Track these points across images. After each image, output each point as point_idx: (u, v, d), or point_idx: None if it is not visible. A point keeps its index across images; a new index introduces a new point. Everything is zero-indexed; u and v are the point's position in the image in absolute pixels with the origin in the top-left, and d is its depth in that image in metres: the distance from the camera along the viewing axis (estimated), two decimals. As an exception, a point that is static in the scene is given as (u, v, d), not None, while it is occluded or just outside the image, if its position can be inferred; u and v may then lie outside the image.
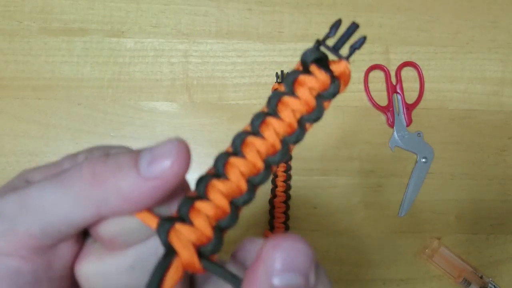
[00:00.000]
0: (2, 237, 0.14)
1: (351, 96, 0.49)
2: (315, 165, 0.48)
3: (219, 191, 0.15)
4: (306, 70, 0.16)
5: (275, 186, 0.47)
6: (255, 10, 0.50)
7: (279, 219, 0.46)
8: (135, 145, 0.48)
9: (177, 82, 0.49)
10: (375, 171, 0.49)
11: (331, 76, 0.16)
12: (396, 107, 0.49)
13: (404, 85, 0.50)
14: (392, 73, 0.50)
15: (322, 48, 0.16)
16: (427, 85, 0.50)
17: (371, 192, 0.48)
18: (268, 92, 0.48)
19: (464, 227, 0.48)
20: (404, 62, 0.50)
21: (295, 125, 0.16)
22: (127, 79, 0.48)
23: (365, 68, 0.50)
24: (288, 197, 0.47)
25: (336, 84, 0.16)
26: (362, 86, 0.49)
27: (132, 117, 0.48)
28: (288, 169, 0.47)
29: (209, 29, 0.50)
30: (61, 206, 0.14)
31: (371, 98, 0.49)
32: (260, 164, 0.16)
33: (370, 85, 0.50)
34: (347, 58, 0.16)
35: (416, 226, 0.48)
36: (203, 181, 0.16)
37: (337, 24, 0.16)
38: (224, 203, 0.15)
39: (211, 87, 0.49)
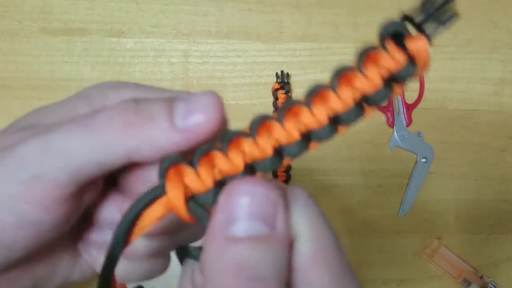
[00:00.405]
0: (24, 185, 0.13)
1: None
2: (315, 165, 0.48)
3: (239, 149, 0.14)
4: (382, 45, 0.14)
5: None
6: (255, 10, 0.50)
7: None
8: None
9: (177, 82, 0.49)
10: (375, 171, 0.49)
11: (408, 55, 0.14)
12: (396, 107, 0.49)
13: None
14: (392, 73, 0.50)
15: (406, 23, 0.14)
16: (427, 85, 0.50)
17: (371, 192, 0.48)
18: (268, 92, 0.48)
19: (464, 227, 0.48)
20: (404, 62, 0.50)
21: (352, 104, 0.14)
22: (127, 79, 0.48)
23: (365, 68, 0.50)
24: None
25: (411, 66, 0.14)
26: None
27: (132, 117, 0.48)
28: (288, 169, 0.47)
29: (209, 29, 0.50)
30: (90, 152, 0.14)
31: (371, 98, 0.49)
32: (296, 135, 0.14)
33: (370, 85, 0.50)
34: (431, 35, 0.14)
35: (416, 226, 0.48)
36: (229, 135, 0.15)
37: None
38: (239, 162, 0.14)
39: (211, 87, 0.49)
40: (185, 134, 0.14)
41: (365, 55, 0.14)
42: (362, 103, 0.14)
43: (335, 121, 0.14)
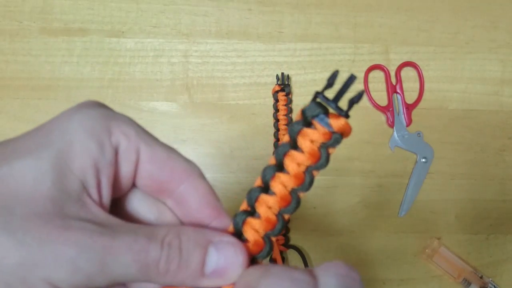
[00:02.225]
0: (73, 286, 0.15)
1: (351, 96, 0.49)
2: (315, 165, 0.48)
3: (254, 227, 0.18)
4: (307, 123, 0.17)
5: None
6: (255, 10, 0.50)
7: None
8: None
9: (177, 82, 0.49)
10: (375, 171, 0.49)
11: (332, 131, 0.17)
12: (396, 107, 0.49)
13: (404, 85, 0.50)
14: (392, 73, 0.50)
15: (320, 100, 0.17)
16: (427, 85, 0.50)
17: (371, 192, 0.48)
18: (268, 92, 0.48)
19: (464, 227, 0.48)
20: (404, 62, 0.50)
21: (302, 175, 0.17)
22: (127, 79, 0.48)
23: (365, 68, 0.50)
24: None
25: (337, 137, 0.17)
26: (362, 86, 0.49)
27: (132, 117, 0.48)
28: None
29: (209, 29, 0.50)
30: (134, 279, 0.16)
31: (371, 98, 0.49)
32: (273, 219, 0.17)
33: (370, 85, 0.50)
34: (346, 113, 0.17)
35: (416, 226, 0.48)
36: (240, 217, 0.18)
37: (334, 75, 0.16)
38: (272, 216, 0.17)
39: (211, 87, 0.49)
40: (209, 282, 0.17)
41: (298, 132, 0.17)
42: (311, 172, 0.17)
43: (296, 192, 0.17)
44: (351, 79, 0.16)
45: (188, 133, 0.48)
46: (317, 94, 0.16)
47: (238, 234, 0.18)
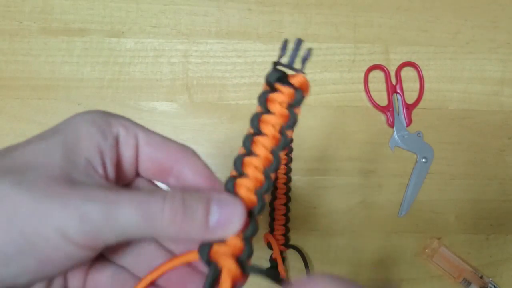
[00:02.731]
0: (83, 236, 0.16)
1: (351, 96, 0.49)
2: (315, 165, 0.48)
3: (245, 185, 0.19)
4: (272, 89, 0.19)
5: (275, 188, 0.47)
6: (255, 10, 0.50)
7: (279, 221, 0.46)
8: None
9: (177, 82, 0.49)
10: (375, 171, 0.49)
11: (294, 88, 0.19)
12: (396, 107, 0.49)
13: (404, 85, 0.50)
14: (392, 73, 0.50)
15: (281, 67, 0.19)
16: (427, 85, 0.50)
17: (371, 192, 0.48)
18: (268, 92, 0.48)
19: (464, 227, 0.48)
20: (404, 62, 0.50)
21: (278, 135, 0.19)
22: (127, 79, 0.48)
23: (365, 68, 0.50)
24: (288, 199, 0.47)
25: (299, 93, 0.19)
26: (362, 86, 0.49)
27: (132, 117, 0.47)
28: (288, 171, 0.47)
29: (209, 29, 0.50)
30: (140, 231, 0.17)
31: (371, 98, 0.49)
32: (260, 177, 0.19)
33: (370, 85, 0.50)
34: (302, 70, 0.19)
35: (416, 226, 0.48)
36: (230, 180, 0.20)
37: (284, 44, 0.19)
38: (259, 174, 0.19)
39: (211, 87, 0.49)
40: (213, 234, 0.18)
41: (265, 99, 0.20)
42: (284, 131, 0.19)
43: (276, 152, 0.19)
44: (298, 42, 0.19)
45: (188, 133, 0.48)
46: (275, 63, 0.19)
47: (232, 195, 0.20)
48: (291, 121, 0.19)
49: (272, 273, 0.18)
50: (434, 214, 0.48)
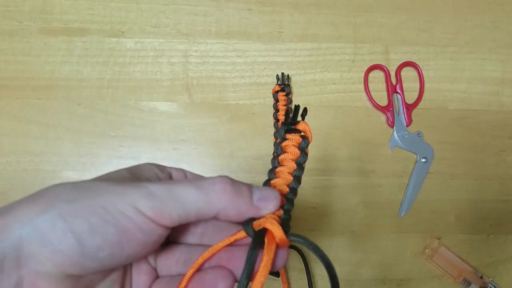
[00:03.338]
0: (152, 210, 0.20)
1: (351, 96, 0.49)
2: (315, 165, 0.48)
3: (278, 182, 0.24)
4: (284, 139, 0.24)
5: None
6: (255, 10, 0.50)
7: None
8: (135, 145, 0.48)
9: (177, 82, 0.49)
10: (375, 171, 0.49)
11: (300, 135, 0.24)
12: (396, 107, 0.49)
13: (404, 85, 0.50)
14: (392, 73, 0.50)
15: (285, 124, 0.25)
16: (427, 85, 0.50)
17: (371, 192, 0.48)
18: (268, 92, 0.49)
19: (464, 227, 0.48)
20: (404, 62, 0.50)
21: (295, 166, 0.24)
22: (127, 79, 0.48)
23: (365, 68, 0.50)
24: (288, 197, 0.47)
25: (305, 138, 0.24)
26: (362, 86, 0.49)
27: (132, 117, 0.48)
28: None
29: (209, 29, 0.50)
30: (197, 203, 0.21)
31: (371, 98, 0.49)
32: (290, 178, 0.24)
33: (370, 85, 0.50)
34: (303, 119, 0.24)
35: (416, 226, 0.48)
36: (266, 180, 0.25)
37: (296, 108, 0.24)
38: (288, 176, 0.24)
39: (211, 87, 0.49)
40: (256, 209, 0.22)
41: (281, 146, 0.24)
42: (300, 164, 0.24)
43: (296, 179, 0.25)
44: (298, 109, 0.24)
45: (188, 133, 0.48)
46: (282, 123, 0.25)
47: None
48: (303, 158, 0.24)
49: (313, 245, 0.22)
50: (434, 214, 0.48)
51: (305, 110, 0.24)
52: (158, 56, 0.49)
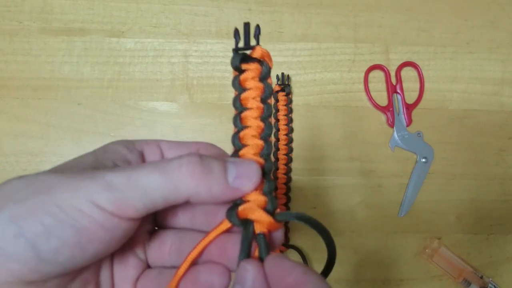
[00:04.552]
0: (112, 204, 0.18)
1: (351, 96, 0.49)
2: (315, 165, 0.48)
3: (249, 152, 0.21)
4: (241, 71, 0.21)
5: (275, 188, 0.46)
6: (255, 10, 0.50)
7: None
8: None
9: (177, 82, 0.49)
10: (375, 171, 0.49)
11: (258, 60, 0.21)
12: (396, 107, 0.49)
13: (404, 85, 0.50)
14: (392, 73, 0.50)
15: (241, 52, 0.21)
16: (427, 85, 0.50)
17: (371, 192, 0.48)
18: (268, 92, 0.49)
19: (464, 227, 0.48)
20: (404, 62, 0.50)
21: (262, 105, 0.21)
22: (127, 79, 0.48)
23: (365, 68, 0.50)
24: (288, 199, 0.47)
25: (265, 63, 0.21)
26: (362, 86, 0.49)
27: (132, 117, 0.48)
28: (288, 171, 0.47)
29: (209, 29, 0.50)
30: (162, 190, 0.18)
31: (371, 98, 0.49)
32: (260, 142, 0.21)
33: (370, 85, 0.50)
34: (257, 44, 0.21)
35: (416, 226, 0.48)
36: (234, 155, 0.22)
37: (236, 32, 0.20)
38: (258, 141, 0.21)
39: (211, 87, 0.49)
40: (233, 191, 0.19)
41: (239, 82, 0.22)
42: (265, 100, 0.21)
43: (265, 119, 0.22)
44: (246, 26, 0.21)
45: (188, 133, 0.48)
46: (233, 50, 0.21)
47: None
48: (267, 91, 0.21)
49: (305, 216, 0.20)
50: (434, 214, 0.48)
51: (257, 28, 0.20)
52: (158, 56, 0.49)
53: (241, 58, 0.21)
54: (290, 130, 0.48)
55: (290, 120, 0.48)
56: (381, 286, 0.47)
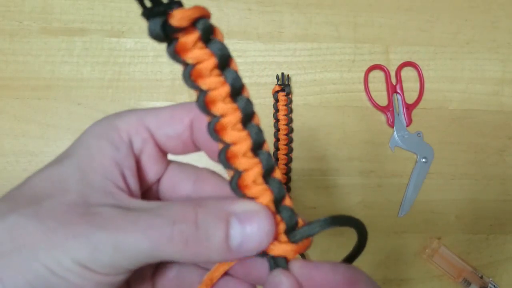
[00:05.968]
0: (98, 266, 0.16)
1: (351, 96, 0.49)
2: (315, 165, 0.48)
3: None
4: (171, 41, 0.15)
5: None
6: (255, 10, 0.50)
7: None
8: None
9: (177, 82, 0.49)
10: (375, 171, 0.49)
11: (190, 18, 0.15)
12: (396, 107, 0.49)
13: (404, 85, 0.50)
14: (392, 73, 0.50)
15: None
16: (427, 85, 0.50)
17: (371, 192, 0.48)
18: (268, 92, 0.48)
19: (464, 227, 0.48)
20: (404, 62, 0.50)
21: (222, 79, 0.17)
22: (127, 79, 0.48)
23: (365, 68, 0.50)
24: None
25: (201, 21, 0.15)
26: (362, 86, 0.49)
27: (132, 117, 0.48)
28: (288, 171, 0.47)
29: (209, 29, 0.50)
30: (153, 257, 0.17)
31: (371, 98, 0.49)
32: (254, 160, 0.18)
33: (370, 85, 0.50)
34: (179, 3, 0.15)
35: (416, 226, 0.48)
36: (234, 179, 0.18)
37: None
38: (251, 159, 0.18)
39: (211, 87, 0.49)
40: (237, 255, 0.17)
41: (175, 54, 0.16)
42: (225, 68, 0.17)
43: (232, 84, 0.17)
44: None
45: (188, 133, 0.48)
46: (143, 14, 0.15)
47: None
48: (220, 52, 0.16)
49: (336, 218, 0.18)
50: (434, 214, 0.48)
51: None
52: (158, 56, 0.49)
53: (162, 23, 0.15)
54: (290, 130, 0.48)
55: (290, 120, 0.48)
56: (381, 286, 0.47)
